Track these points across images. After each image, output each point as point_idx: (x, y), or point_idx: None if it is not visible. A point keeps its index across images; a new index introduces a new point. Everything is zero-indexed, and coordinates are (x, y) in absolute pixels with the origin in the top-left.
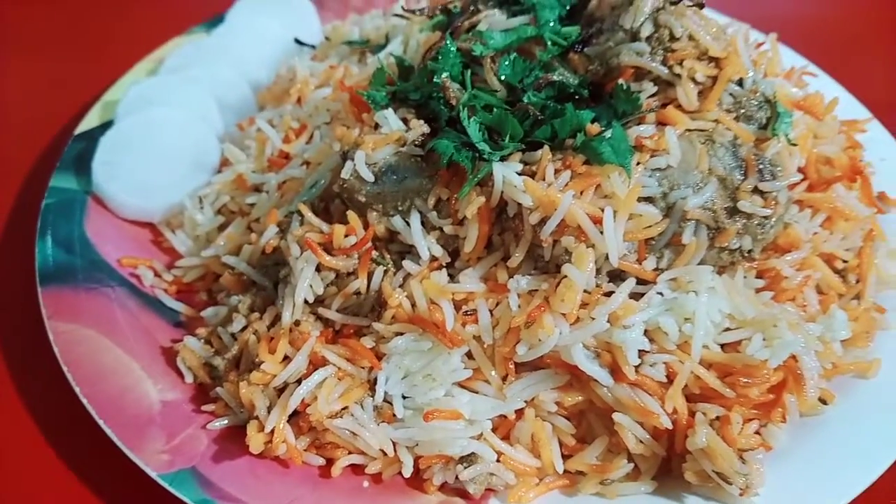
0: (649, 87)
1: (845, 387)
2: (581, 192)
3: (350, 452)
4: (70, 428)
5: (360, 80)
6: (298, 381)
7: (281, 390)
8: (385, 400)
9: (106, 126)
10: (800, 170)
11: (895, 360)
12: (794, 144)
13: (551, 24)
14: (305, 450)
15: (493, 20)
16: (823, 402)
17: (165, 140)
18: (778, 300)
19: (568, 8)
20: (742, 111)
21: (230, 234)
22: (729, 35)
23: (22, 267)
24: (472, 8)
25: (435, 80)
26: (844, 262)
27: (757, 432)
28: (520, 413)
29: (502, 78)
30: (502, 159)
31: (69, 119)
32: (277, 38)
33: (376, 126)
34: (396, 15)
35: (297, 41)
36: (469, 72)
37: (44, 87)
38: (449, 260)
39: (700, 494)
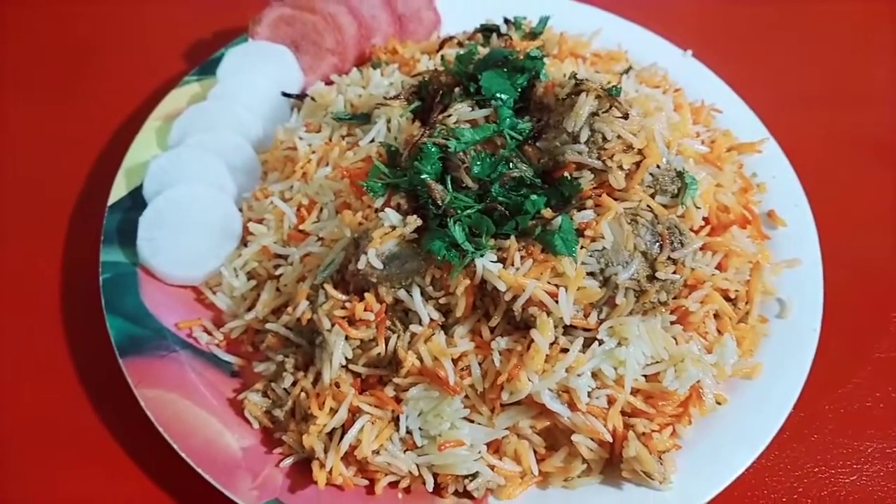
0: (588, 175)
1: (736, 387)
2: (540, 274)
3: (386, 474)
4: (164, 472)
5: (356, 162)
6: (343, 426)
7: (330, 433)
8: (407, 432)
9: (134, 194)
10: (704, 219)
11: (774, 361)
12: (699, 207)
13: (508, 120)
14: (354, 476)
15: (461, 112)
16: (719, 403)
17: (194, 215)
18: (686, 330)
19: (520, 92)
20: (658, 186)
21: (265, 301)
22: (649, 124)
23: (89, 329)
24: (441, 93)
25: (422, 177)
26: (736, 291)
27: (672, 432)
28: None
29: (475, 172)
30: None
31: (87, 175)
32: (266, 92)
33: (377, 210)
34: (378, 104)
35: (285, 94)
36: (450, 177)
37: (45, 137)
38: (444, 319)
39: (632, 482)
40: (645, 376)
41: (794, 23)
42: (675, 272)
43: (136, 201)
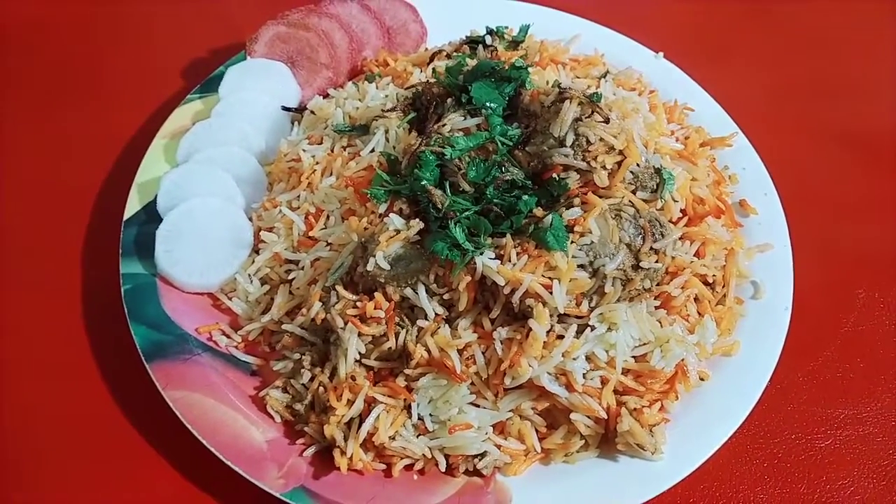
0: (574, 175)
1: (717, 364)
2: (535, 269)
3: (402, 458)
4: (194, 467)
5: (358, 171)
6: (360, 416)
7: (348, 423)
8: (419, 418)
9: (147, 209)
10: (682, 211)
11: (750, 339)
12: (677, 201)
13: (498, 127)
14: (372, 461)
15: (454, 121)
16: (702, 379)
17: (207, 226)
18: (670, 313)
19: (507, 100)
20: (639, 182)
21: (279, 304)
22: (628, 126)
23: (112, 338)
24: (435, 104)
25: (422, 184)
26: (713, 275)
27: (661, 407)
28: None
29: (471, 176)
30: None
31: (98, 192)
32: (267, 107)
33: (381, 215)
34: (376, 116)
35: (284, 108)
36: (448, 182)
37: (55, 155)
38: (448, 314)
39: (627, 454)
40: (634, 357)
41: (757, 21)
42: (657, 261)
43: (150, 215)
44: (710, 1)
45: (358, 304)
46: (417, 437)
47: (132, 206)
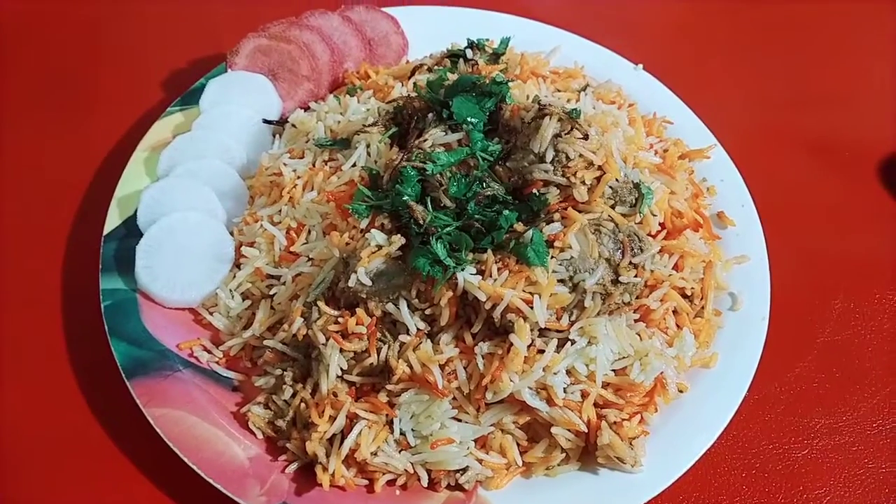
0: (554, 191)
1: (696, 376)
2: (516, 284)
3: (384, 473)
4: (178, 484)
5: (340, 186)
6: (342, 432)
7: (330, 439)
8: (401, 433)
9: (127, 223)
10: (660, 225)
11: (728, 350)
12: (655, 215)
13: (479, 142)
14: (354, 477)
15: (435, 137)
16: (681, 391)
17: (189, 241)
18: (649, 327)
19: (488, 115)
20: (618, 197)
21: (261, 319)
22: (607, 142)
23: (91, 355)
24: (416, 119)
25: (403, 199)
26: (692, 288)
27: (641, 419)
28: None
29: (452, 192)
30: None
31: (78, 206)
32: (248, 120)
33: (362, 230)
34: (358, 131)
35: (266, 121)
36: (429, 198)
37: (32, 170)
38: (430, 329)
39: (607, 467)
40: (614, 371)
41: (735, 33)
42: (636, 275)
43: (130, 230)
44: (689, 12)
45: (339, 319)
46: (399, 452)
47: (112, 220)
